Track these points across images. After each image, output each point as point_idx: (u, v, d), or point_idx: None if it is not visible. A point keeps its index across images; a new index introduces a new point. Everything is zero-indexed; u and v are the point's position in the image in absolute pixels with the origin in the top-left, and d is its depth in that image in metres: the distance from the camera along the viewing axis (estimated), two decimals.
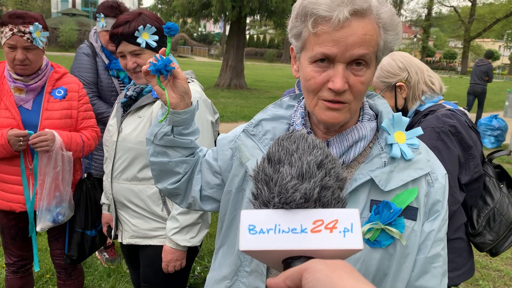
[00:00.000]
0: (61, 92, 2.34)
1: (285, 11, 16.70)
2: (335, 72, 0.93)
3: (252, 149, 1.13)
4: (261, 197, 0.70)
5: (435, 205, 1.05)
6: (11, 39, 2.12)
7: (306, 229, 0.66)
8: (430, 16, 46.45)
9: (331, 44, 0.91)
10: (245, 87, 19.66)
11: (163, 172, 1.26)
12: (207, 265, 3.71)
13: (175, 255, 1.98)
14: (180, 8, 18.10)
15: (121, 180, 2.05)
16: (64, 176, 2.31)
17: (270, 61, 54.36)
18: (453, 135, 1.86)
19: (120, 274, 3.52)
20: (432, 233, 1.04)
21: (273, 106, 1.20)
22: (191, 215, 1.94)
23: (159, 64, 1.10)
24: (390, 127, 1.05)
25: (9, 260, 2.53)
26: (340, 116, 0.99)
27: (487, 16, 39.02)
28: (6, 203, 2.33)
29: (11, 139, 2.14)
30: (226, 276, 1.19)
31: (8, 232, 2.46)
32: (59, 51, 40.66)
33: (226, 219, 1.20)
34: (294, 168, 0.69)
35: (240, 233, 0.67)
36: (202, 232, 2.01)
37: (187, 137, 1.22)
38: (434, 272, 1.05)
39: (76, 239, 2.45)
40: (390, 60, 2.10)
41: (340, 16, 0.89)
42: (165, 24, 1.12)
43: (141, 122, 1.97)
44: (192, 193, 1.27)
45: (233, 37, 19.41)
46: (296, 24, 0.98)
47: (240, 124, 1.36)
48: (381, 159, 1.03)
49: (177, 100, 1.16)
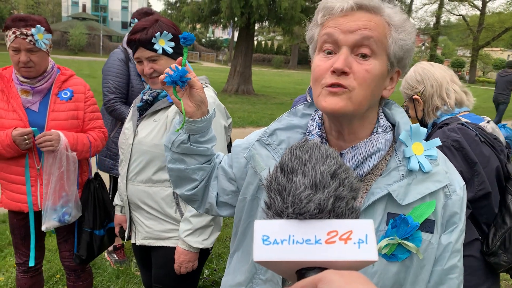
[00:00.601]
0: (68, 94, 2.38)
1: (293, 18, 16.75)
2: (339, 55, 0.96)
3: (267, 159, 1.13)
4: (274, 207, 0.70)
5: (453, 217, 1.04)
6: (14, 42, 2.17)
7: (320, 240, 0.66)
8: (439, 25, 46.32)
9: (335, 25, 0.96)
10: (252, 93, 19.69)
11: (180, 179, 1.28)
12: (215, 268, 3.73)
13: (187, 257, 2.02)
14: (189, 14, 18.21)
15: (136, 182, 2.08)
16: (69, 176, 2.33)
17: (277, 67, 54.45)
18: (457, 150, 1.83)
19: (129, 276, 3.53)
20: (450, 245, 1.03)
21: (288, 115, 1.19)
22: (204, 217, 1.97)
23: (175, 75, 1.11)
24: (408, 139, 1.03)
25: (20, 260, 2.56)
26: (339, 102, 0.95)
27: (496, 25, 38.83)
28: (15, 203, 2.36)
29: (17, 139, 2.17)
30: (241, 283, 1.19)
31: (18, 232, 2.49)
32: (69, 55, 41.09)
33: (240, 225, 1.21)
34: (307, 178, 0.69)
35: (254, 243, 0.67)
36: (214, 234, 2.06)
37: (204, 145, 1.23)
38: (450, 283, 1.04)
39: (85, 239, 2.47)
40: (411, 72, 2.13)
41: (344, 5, 0.95)
42: (181, 34, 1.13)
43: (156, 125, 2.02)
44: (209, 199, 1.29)
45: (242, 43, 19.48)
46: (310, 28, 1.05)
47: (247, 129, 1.37)
48: (398, 172, 1.01)
49: (193, 109, 1.16)
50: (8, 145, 2.18)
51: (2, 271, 3.48)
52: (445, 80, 2.07)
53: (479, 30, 40.51)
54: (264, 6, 16.51)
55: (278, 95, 20.38)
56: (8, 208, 2.42)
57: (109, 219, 2.56)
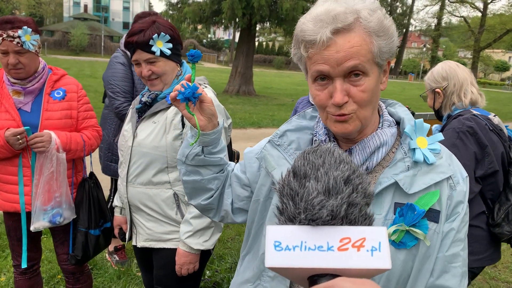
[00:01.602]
0: (60, 93, 2.37)
1: (295, 19, 16.67)
2: (334, 87, 0.99)
3: (278, 159, 1.17)
4: (286, 212, 0.69)
5: (457, 207, 1.08)
6: (1, 45, 2.16)
7: (333, 247, 0.65)
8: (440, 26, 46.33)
9: (322, 62, 0.98)
10: (253, 94, 19.70)
11: (196, 190, 1.32)
12: (217, 269, 3.73)
13: (188, 258, 2.01)
14: (191, 14, 18.24)
15: (136, 184, 2.07)
16: (57, 177, 2.31)
17: (278, 68, 54.49)
18: (471, 135, 2.16)
19: (130, 277, 3.52)
20: (452, 232, 1.07)
21: (297, 118, 1.25)
22: (204, 219, 1.96)
23: (187, 92, 1.13)
24: (413, 132, 1.09)
25: (16, 261, 2.54)
26: (349, 126, 1.03)
27: (497, 26, 38.82)
28: (11, 204, 2.35)
29: (10, 139, 2.16)
30: (249, 279, 1.22)
31: (14, 234, 2.47)
32: (70, 55, 41.18)
33: (253, 227, 1.24)
34: (320, 183, 0.67)
35: (266, 249, 0.66)
36: (215, 235, 2.04)
37: (217, 155, 1.28)
38: (454, 272, 1.07)
39: (80, 239, 2.44)
40: (439, 68, 2.41)
41: (323, 38, 0.95)
42: (189, 52, 1.15)
43: (156, 127, 2.00)
44: (224, 207, 1.33)
45: (243, 44, 19.49)
46: (295, 51, 1.08)
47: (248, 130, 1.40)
48: (404, 163, 1.06)
49: (205, 123, 1.21)
50: (2, 146, 2.18)
51: (4, 271, 3.47)
52: (466, 81, 2.36)
53: (480, 32, 40.51)
54: (266, 7, 16.52)
55: (279, 96, 20.38)
56: (3, 210, 2.39)
57: (105, 219, 2.54)
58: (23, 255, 2.46)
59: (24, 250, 2.45)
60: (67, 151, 2.34)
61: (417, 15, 41.39)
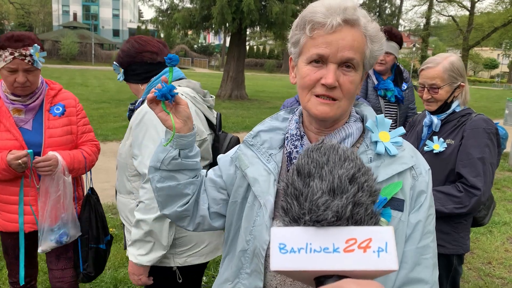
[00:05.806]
0: (60, 109, 2.33)
1: (284, 23, 16.79)
2: (328, 70, 1.06)
3: (251, 158, 1.22)
4: (291, 212, 0.67)
5: (419, 197, 1.11)
6: (12, 63, 2.09)
7: (339, 249, 0.63)
8: (429, 26, 46.67)
9: (325, 45, 1.05)
10: (246, 98, 19.69)
11: (171, 197, 1.30)
12: (213, 275, 3.69)
13: (132, 269, 1.87)
14: (181, 20, 18.21)
15: (118, 194, 2.07)
16: (64, 200, 2.30)
17: (270, 72, 54.57)
18: (496, 136, 2.30)
19: (127, 285, 3.49)
20: (420, 224, 1.10)
21: (270, 119, 1.30)
22: (139, 230, 1.80)
23: (164, 89, 1.15)
24: (374, 127, 1.15)
25: (14, 278, 2.52)
26: (331, 111, 1.08)
27: (485, 25, 39.15)
28: (13, 224, 2.30)
29: (12, 163, 2.10)
30: (228, 279, 1.24)
31: (13, 252, 2.43)
32: (60, 64, 40.96)
33: (232, 228, 1.27)
34: (324, 182, 0.66)
35: (271, 251, 0.65)
36: (155, 253, 1.83)
37: (193, 159, 1.29)
38: (426, 263, 1.10)
39: (91, 255, 2.44)
40: (457, 60, 2.36)
41: (333, 22, 1.03)
42: (166, 56, 1.18)
43: (126, 134, 1.99)
44: (201, 212, 1.33)
45: (234, 49, 19.49)
46: (295, 32, 1.13)
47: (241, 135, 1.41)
48: (367, 156, 1.11)
49: (181, 125, 1.22)
50: (4, 169, 2.12)
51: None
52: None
53: (468, 30, 40.90)
54: (255, 11, 16.53)
55: (272, 99, 20.39)
56: (5, 230, 2.34)
57: (105, 232, 2.54)
58: (21, 272, 2.42)
59: (21, 268, 2.41)
60: (71, 171, 2.31)
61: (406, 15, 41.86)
